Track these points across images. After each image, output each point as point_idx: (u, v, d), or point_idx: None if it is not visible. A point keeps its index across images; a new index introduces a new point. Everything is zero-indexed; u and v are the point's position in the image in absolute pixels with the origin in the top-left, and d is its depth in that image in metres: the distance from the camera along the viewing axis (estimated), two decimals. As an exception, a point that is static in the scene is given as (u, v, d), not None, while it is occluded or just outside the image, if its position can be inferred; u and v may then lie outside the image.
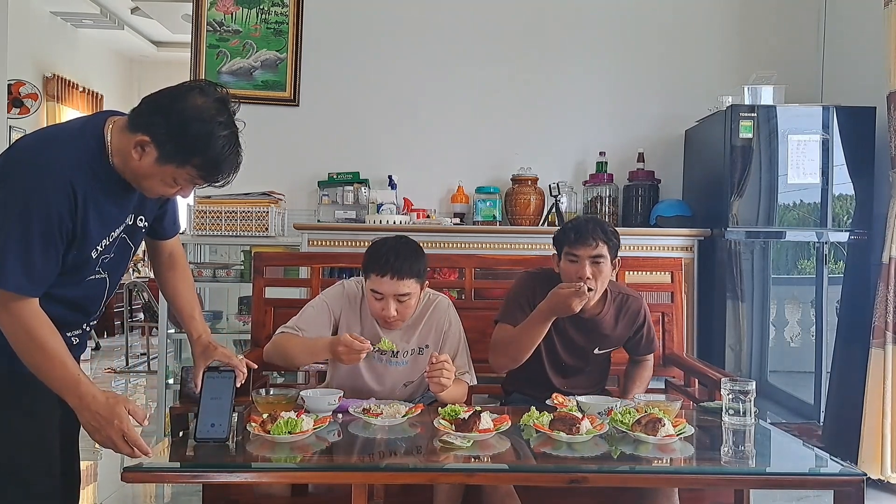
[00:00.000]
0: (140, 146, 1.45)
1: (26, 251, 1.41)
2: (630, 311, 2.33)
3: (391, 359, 2.19)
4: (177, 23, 6.51)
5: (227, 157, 1.48)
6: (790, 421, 3.36)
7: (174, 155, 1.45)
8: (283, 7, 4.00)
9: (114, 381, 5.55)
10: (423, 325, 2.21)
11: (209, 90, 1.49)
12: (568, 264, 2.21)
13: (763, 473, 1.72)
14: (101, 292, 1.65)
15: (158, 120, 1.44)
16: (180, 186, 1.52)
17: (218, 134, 1.45)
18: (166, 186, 1.51)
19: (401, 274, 2.03)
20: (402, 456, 1.71)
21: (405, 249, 2.08)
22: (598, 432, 1.74)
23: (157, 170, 1.47)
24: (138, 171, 1.48)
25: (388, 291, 2.04)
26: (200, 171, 1.48)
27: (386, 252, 2.05)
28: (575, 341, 2.30)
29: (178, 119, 1.44)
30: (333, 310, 2.20)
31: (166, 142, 1.44)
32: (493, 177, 3.97)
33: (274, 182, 3.89)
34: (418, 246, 2.13)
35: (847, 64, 3.82)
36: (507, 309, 2.30)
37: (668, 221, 3.64)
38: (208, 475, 1.60)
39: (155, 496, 3.11)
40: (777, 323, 3.48)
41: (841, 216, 3.44)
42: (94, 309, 1.67)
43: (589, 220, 2.25)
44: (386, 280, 2.03)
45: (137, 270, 7.44)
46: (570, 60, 4.04)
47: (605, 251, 2.18)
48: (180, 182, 1.51)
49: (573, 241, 2.19)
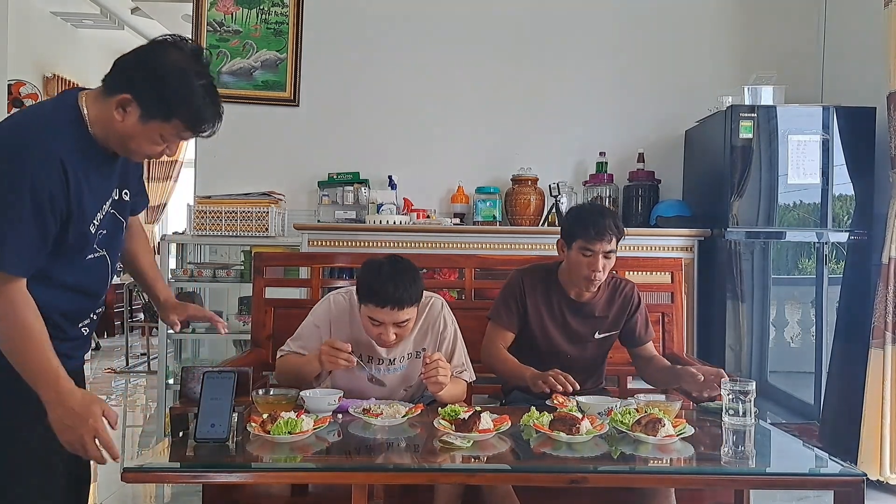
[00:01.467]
0: (122, 106, 1.45)
1: (17, 232, 1.40)
2: (624, 294, 2.39)
3: (389, 366, 2.19)
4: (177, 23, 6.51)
5: (208, 106, 1.49)
6: (790, 421, 3.36)
7: (157, 110, 1.45)
8: (283, 7, 4.00)
9: (114, 381, 5.55)
10: (419, 329, 2.20)
11: (182, 44, 1.50)
12: (581, 257, 2.25)
13: (763, 473, 1.72)
14: (105, 272, 1.64)
15: (137, 77, 1.45)
16: (167, 143, 1.52)
17: (196, 84, 1.46)
18: (153, 145, 1.51)
19: (401, 304, 1.98)
20: (402, 456, 1.71)
21: (404, 277, 2.00)
22: (598, 432, 1.74)
23: (141, 128, 1.47)
24: (124, 133, 1.48)
25: (388, 320, 2.00)
26: (185, 122, 1.49)
27: (384, 282, 1.98)
28: (574, 328, 2.35)
29: (156, 73, 1.44)
30: (322, 329, 2.18)
31: (148, 97, 1.44)
32: (493, 177, 3.98)
33: (274, 182, 3.89)
34: (414, 267, 2.08)
35: (847, 64, 3.82)
36: (497, 308, 2.39)
37: (668, 222, 3.64)
38: (208, 475, 1.60)
39: (155, 496, 3.11)
40: (777, 323, 3.48)
41: (841, 216, 3.44)
42: (100, 291, 1.67)
43: (605, 215, 2.27)
44: (385, 311, 1.98)
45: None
46: (570, 60, 4.05)
47: (615, 244, 2.26)
48: (167, 138, 1.51)
49: (592, 238, 2.22)
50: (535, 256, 3.11)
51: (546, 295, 2.36)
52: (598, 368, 2.47)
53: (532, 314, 2.36)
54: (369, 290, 2.00)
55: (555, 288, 2.37)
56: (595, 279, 2.25)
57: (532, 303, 2.36)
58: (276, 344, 2.64)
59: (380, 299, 1.98)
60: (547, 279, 2.38)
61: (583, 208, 2.50)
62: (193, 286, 3.91)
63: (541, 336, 2.35)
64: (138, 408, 4.83)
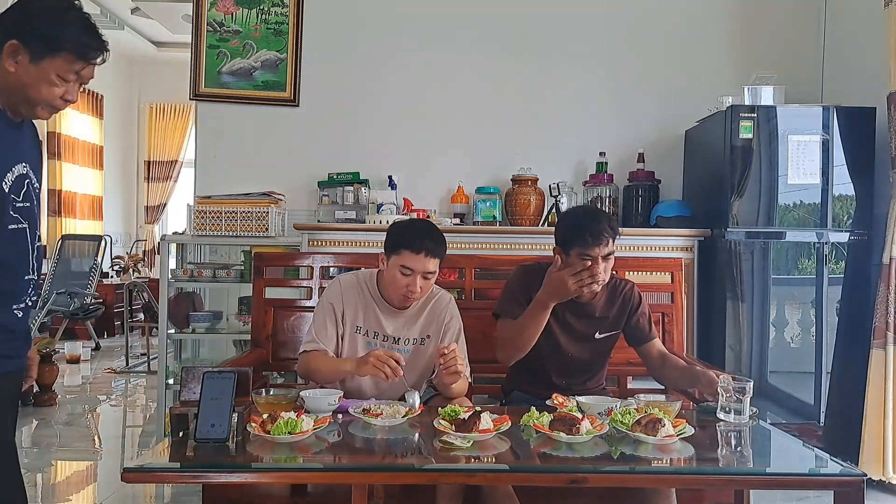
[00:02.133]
0: (12, 53, 1.52)
1: None
2: (624, 294, 2.38)
3: (393, 345, 2.24)
4: (177, 23, 6.52)
5: (88, 32, 1.57)
6: (790, 421, 3.36)
7: (43, 46, 1.52)
8: (283, 7, 4.00)
9: (114, 381, 5.55)
10: (425, 316, 2.28)
11: None
12: (580, 262, 2.20)
13: (763, 474, 1.72)
14: (26, 248, 1.64)
15: (16, 22, 1.53)
16: (66, 84, 1.57)
17: (72, 15, 1.56)
18: (52, 87, 1.55)
19: (434, 253, 2.16)
20: (402, 456, 1.71)
21: (435, 231, 2.22)
22: (598, 433, 1.74)
23: (36, 71, 1.53)
24: (19, 83, 1.53)
25: (419, 268, 2.15)
26: (72, 51, 1.54)
27: (419, 231, 2.18)
28: (575, 328, 2.35)
29: (32, 13, 1.54)
30: (335, 305, 2.26)
31: (30, 36, 1.52)
32: (493, 177, 3.98)
33: (274, 182, 3.89)
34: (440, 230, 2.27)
35: (847, 64, 3.82)
36: (505, 302, 2.36)
37: (669, 222, 3.63)
38: (208, 475, 1.60)
39: (155, 496, 3.11)
40: (777, 323, 3.48)
41: (841, 216, 3.44)
42: (23, 269, 1.64)
43: (598, 219, 2.24)
44: (420, 257, 2.14)
45: (137, 271, 7.44)
46: (570, 60, 4.04)
47: (612, 245, 2.24)
48: (63, 76, 1.55)
49: (590, 245, 2.18)
50: (535, 256, 3.11)
51: None
52: (600, 369, 2.47)
53: None
54: (405, 236, 2.17)
55: None
56: (598, 282, 2.21)
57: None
58: (276, 344, 2.65)
59: (416, 245, 2.14)
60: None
61: (575, 214, 2.42)
62: (193, 286, 3.91)
63: (543, 335, 2.31)
64: (138, 408, 4.82)
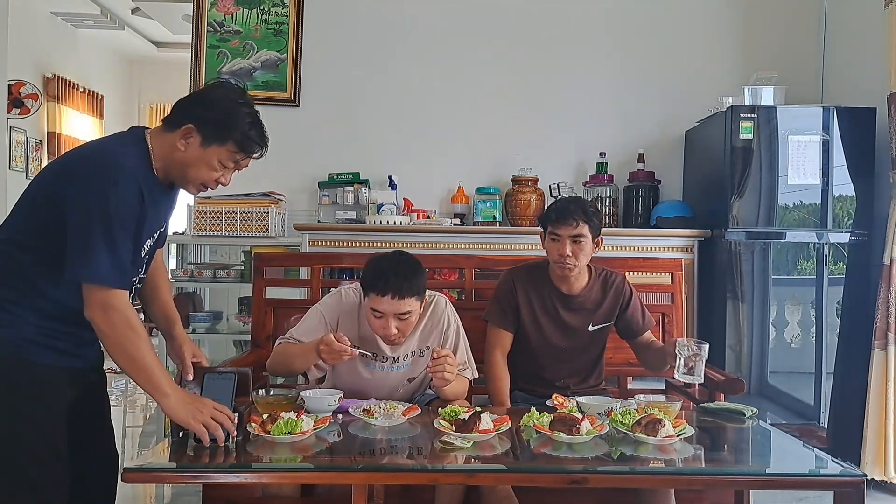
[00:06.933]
0: (185, 136, 1.67)
1: (112, 248, 1.56)
2: (615, 286, 2.41)
3: (392, 364, 2.19)
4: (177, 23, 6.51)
5: (255, 129, 1.73)
6: (790, 422, 3.36)
7: (214, 134, 1.68)
8: (283, 7, 4.00)
9: (114, 381, 5.54)
10: (423, 327, 2.22)
11: (228, 85, 1.84)
12: (550, 242, 2.33)
13: (763, 474, 1.72)
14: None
15: (196, 109, 1.70)
16: (223, 169, 1.73)
17: (244, 111, 1.72)
18: (210, 170, 1.71)
19: (401, 293, 2.01)
20: (403, 456, 1.71)
21: (405, 267, 2.05)
22: (598, 433, 1.74)
23: (202, 154, 1.68)
24: (185, 162, 1.68)
25: (389, 311, 2.03)
26: (238, 144, 1.70)
27: (385, 271, 2.02)
28: (567, 322, 2.37)
29: (210, 104, 1.70)
30: (329, 320, 2.18)
31: (206, 124, 1.67)
32: (493, 177, 3.97)
33: (274, 182, 3.89)
34: (417, 262, 2.11)
35: (847, 64, 3.82)
36: (493, 309, 2.42)
37: (669, 222, 3.63)
38: (208, 475, 1.60)
39: (155, 496, 3.11)
40: (777, 324, 3.47)
41: (841, 217, 3.44)
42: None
43: (571, 201, 2.39)
44: (386, 300, 2.01)
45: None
46: (570, 61, 4.04)
47: (586, 230, 2.28)
48: (223, 162, 1.71)
49: (555, 221, 2.30)
50: (536, 257, 3.10)
51: (537, 290, 2.39)
52: (596, 365, 2.47)
53: (525, 311, 2.38)
54: (371, 279, 2.04)
55: (545, 283, 2.40)
56: (565, 263, 2.27)
57: (524, 300, 2.38)
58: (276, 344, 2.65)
59: (381, 287, 2.01)
60: (537, 275, 2.42)
61: (556, 200, 2.55)
62: (193, 286, 3.91)
63: (535, 331, 2.37)
64: (138, 408, 4.82)
